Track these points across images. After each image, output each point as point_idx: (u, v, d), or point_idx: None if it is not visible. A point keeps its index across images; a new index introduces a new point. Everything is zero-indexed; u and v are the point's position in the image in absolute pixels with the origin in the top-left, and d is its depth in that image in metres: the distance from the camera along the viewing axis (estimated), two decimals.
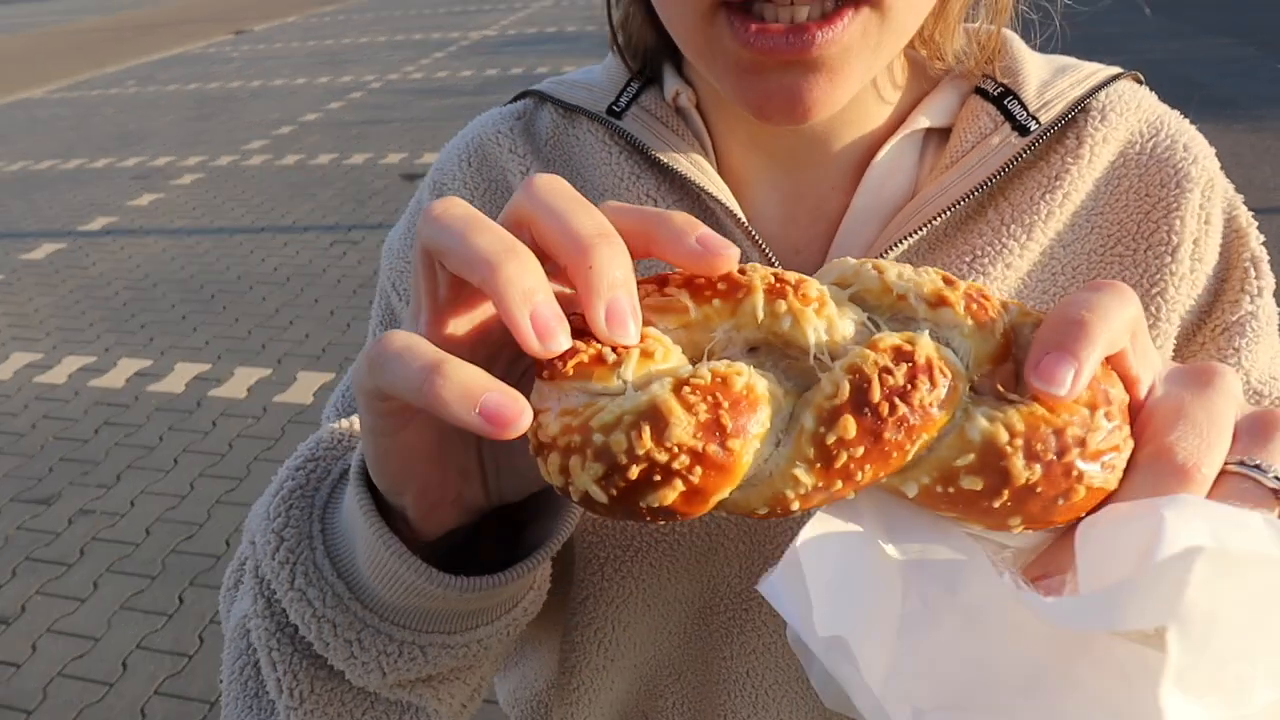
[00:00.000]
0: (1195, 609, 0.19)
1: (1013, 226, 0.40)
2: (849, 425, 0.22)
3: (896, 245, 0.39)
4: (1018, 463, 0.22)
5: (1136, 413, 0.24)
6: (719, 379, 0.22)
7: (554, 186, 0.26)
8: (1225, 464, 0.24)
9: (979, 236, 0.40)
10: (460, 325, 0.27)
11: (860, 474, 0.22)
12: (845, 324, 0.24)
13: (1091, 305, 0.23)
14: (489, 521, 0.36)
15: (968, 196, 0.39)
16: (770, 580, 0.22)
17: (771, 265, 0.31)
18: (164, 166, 6.17)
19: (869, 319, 0.25)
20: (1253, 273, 0.43)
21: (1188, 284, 0.42)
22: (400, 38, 11.58)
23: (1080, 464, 0.22)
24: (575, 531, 0.39)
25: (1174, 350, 0.43)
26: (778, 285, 0.24)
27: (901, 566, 0.23)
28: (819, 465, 0.22)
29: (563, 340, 0.23)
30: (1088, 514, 0.23)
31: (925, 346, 0.23)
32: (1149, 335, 0.26)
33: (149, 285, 4.13)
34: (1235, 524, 0.21)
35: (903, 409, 0.22)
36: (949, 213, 0.39)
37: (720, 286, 0.24)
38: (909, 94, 0.43)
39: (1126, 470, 0.23)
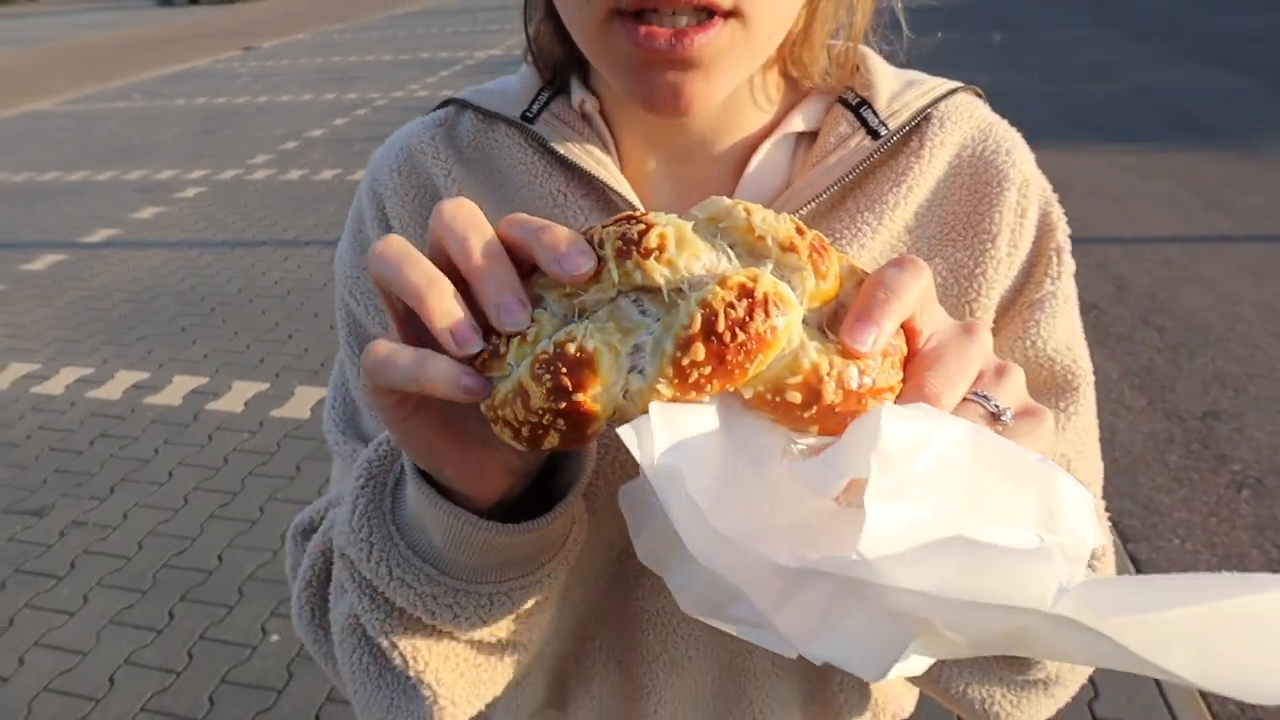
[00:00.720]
0: (890, 452, 0.27)
1: (866, 215, 0.48)
2: (699, 350, 0.28)
3: None
4: (829, 388, 0.29)
5: (913, 355, 0.32)
6: (557, 348, 0.30)
7: (457, 213, 0.33)
8: (965, 395, 0.32)
9: (838, 222, 0.48)
10: (419, 328, 0.33)
11: (710, 386, 0.29)
12: (706, 256, 0.30)
13: (892, 282, 0.30)
14: (535, 483, 0.42)
15: (829, 189, 0.47)
16: (626, 429, 0.29)
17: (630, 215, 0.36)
18: (167, 180, 6.20)
19: (729, 249, 0.31)
20: (1055, 260, 0.50)
21: (1005, 266, 0.50)
22: (406, 56, 11.70)
23: (868, 397, 0.30)
24: None
25: (993, 319, 0.51)
26: (624, 248, 0.30)
27: (725, 443, 0.30)
28: (676, 380, 0.29)
29: (476, 343, 0.31)
30: None
31: (765, 284, 0.29)
32: (934, 297, 0.33)
33: (148, 297, 4.13)
34: (936, 415, 0.29)
35: (742, 336, 0.28)
36: (814, 203, 0.47)
37: (592, 264, 0.31)
38: (784, 105, 0.50)
39: (897, 398, 0.31)
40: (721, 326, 0.28)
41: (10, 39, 18.22)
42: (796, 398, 0.29)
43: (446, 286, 0.31)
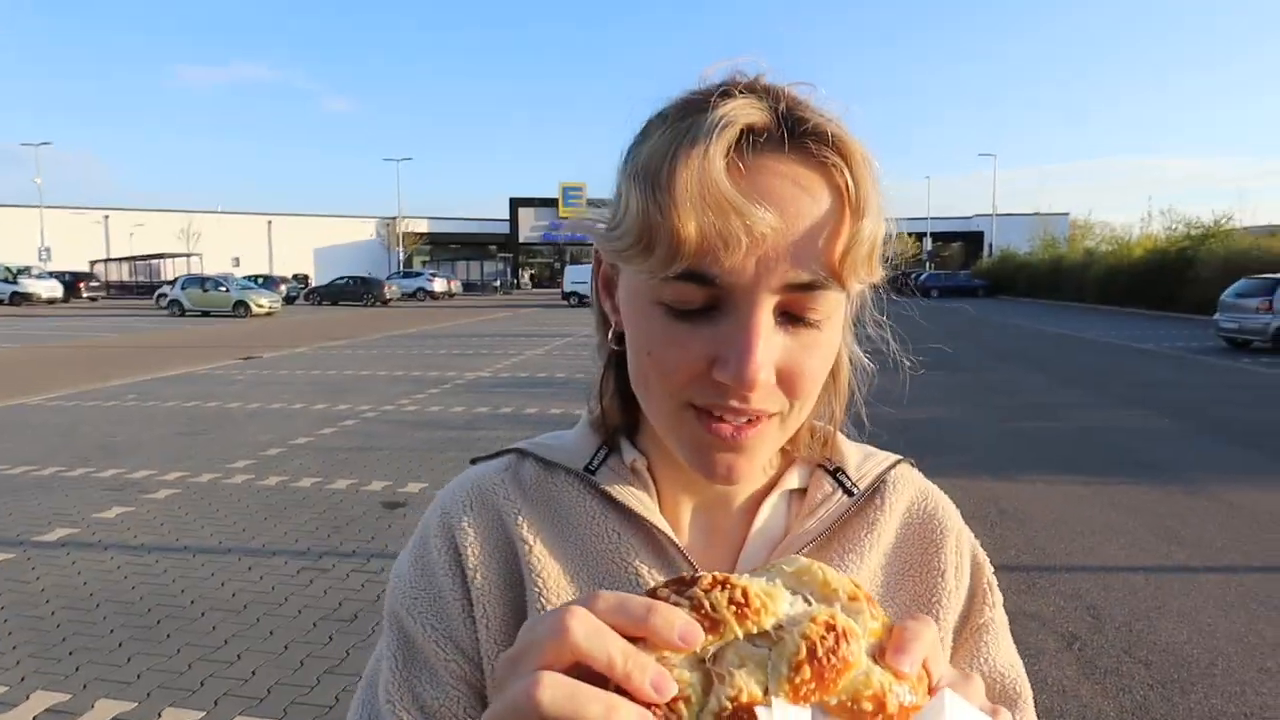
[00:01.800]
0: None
1: (850, 555, 0.60)
2: (806, 670, 0.36)
3: None
4: (892, 701, 0.37)
5: (932, 691, 0.40)
6: (733, 703, 0.36)
7: (584, 627, 0.35)
8: None
9: (828, 561, 0.58)
10: None
11: (812, 697, 0.37)
12: (786, 600, 0.39)
13: (917, 627, 0.39)
14: None
15: (820, 535, 0.59)
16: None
17: (696, 575, 0.41)
18: (141, 479, 6.15)
19: (805, 597, 0.40)
20: (990, 592, 0.63)
21: (954, 597, 0.61)
22: (400, 373, 12.46)
23: (911, 711, 0.38)
24: None
25: (952, 642, 0.61)
26: (739, 610, 0.38)
27: None
28: (790, 693, 0.36)
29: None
30: None
31: (842, 620, 0.38)
32: (940, 648, 0.41)
33: (90, 606, 3.85)
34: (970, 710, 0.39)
35: (834, 660, 0.37)
36: (810, 545, 0.58)
37: (707, 624, 0.37)
38: (779, 469, 0.63)
39: None
40: (820, 652, 0.37)
41: (22, 336, 19.23)
42: (869, 707, 0.37)
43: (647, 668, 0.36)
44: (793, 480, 0.62)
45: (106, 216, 53.54)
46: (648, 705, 0.35)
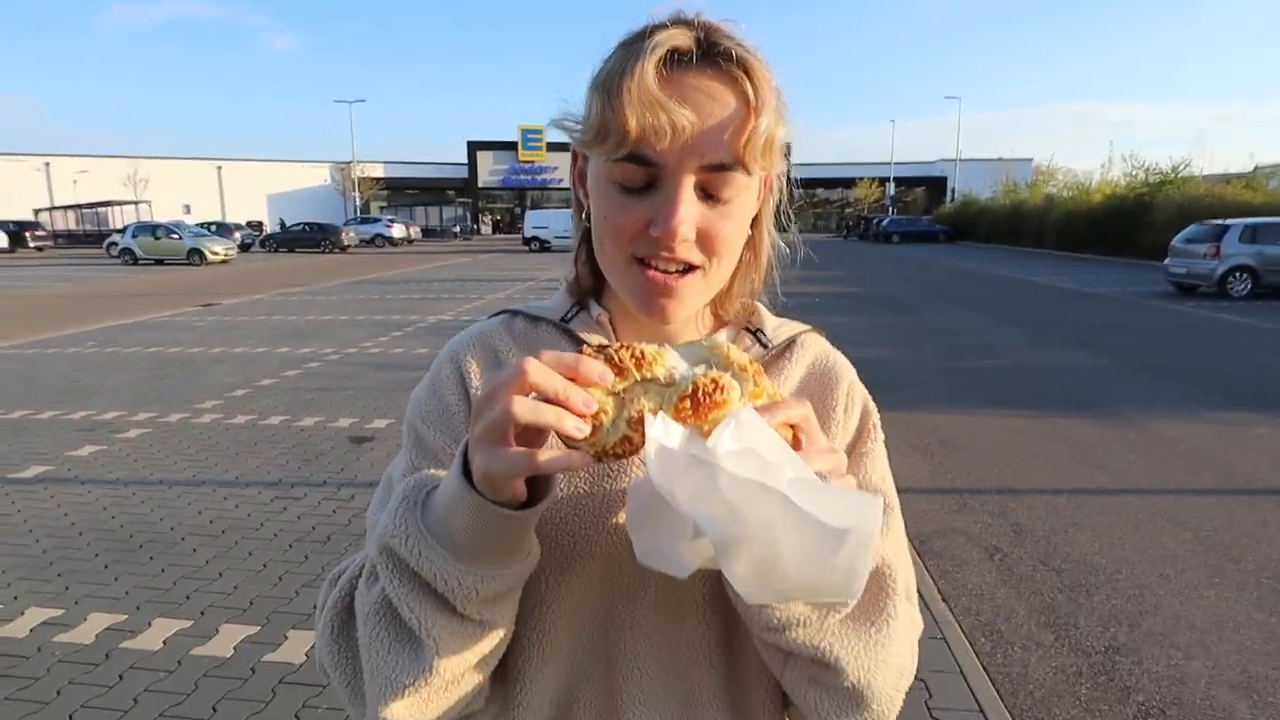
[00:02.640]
0: (745, 428, 0.50)
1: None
2: (687, 403, 0.52)
3: None
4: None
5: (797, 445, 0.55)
6: (638, 413, 0.53)
7: (537, 368, 0.52)
8: None
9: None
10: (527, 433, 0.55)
11: (689, 420, 0.52)
12: (676, 363, 0.55)
13: (792, 401, 0.55)
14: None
15: None
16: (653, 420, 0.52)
17: (611, 343, 0.59)
18: (111, 420, 6.25)
19: (710, 363, 0.56)
20: (874, 431, 0.79)
21: (843, 428, 0.77)
22: (361, 318, 12.46)
23: None
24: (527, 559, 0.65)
25: None
26: (637, 362, 0.54)
27: (687, 440, 0.52)
28: (673, 415, 0.52)
29: (594, 408, 0.53)
30: None
31: (726, 379, 0.53)
32: (814, 424, 0.57)
33: (73, 534, 4.03)
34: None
35: (708, 399, 0.52)
36: None
37: (615, 370, 0.54)
38: (711, 329, 0.81)
39: None
40: (700, 394, 0.52)
41: None
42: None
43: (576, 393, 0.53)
44: (721, 337, 0.73)
45: (47, 164, 51.09)
46: (581, 417, 0.51)
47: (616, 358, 0.54)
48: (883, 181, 57.56)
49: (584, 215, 0.74)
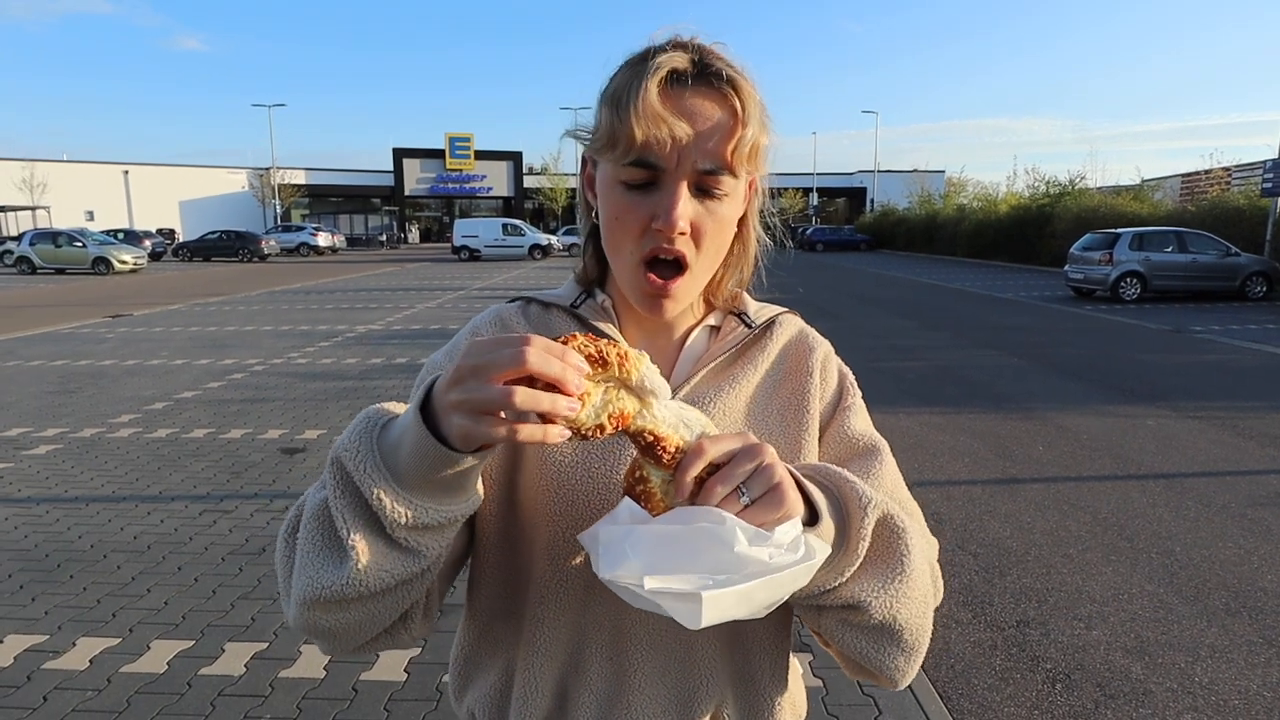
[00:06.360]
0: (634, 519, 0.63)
1: (747, 367, 0.86)
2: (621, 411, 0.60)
3: (698, 374, 0.84)
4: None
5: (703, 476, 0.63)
6: (618, 409, 0.60)
7: (538, 350, 0.55)
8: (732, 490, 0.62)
9: (736, 368, 0.86)
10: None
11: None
12: (654, 373, 0.61)
13: (705, 447, 0.61)
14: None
15: (728, 352, 0.85)
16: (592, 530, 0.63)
17: (601, 338, 0.62)
18: (16, 437, 5.92)
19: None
20: (852, 390, 0.89)
21: (819, 390, 0.86)
22: (286, 328, 12.06)
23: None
24: (540, 559, 0.78)
25: (820, 426, 0.86)
26: (620, 360, 0.59)
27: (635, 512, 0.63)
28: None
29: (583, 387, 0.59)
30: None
31: (616, 401, 0.60)
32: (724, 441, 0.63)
33: None
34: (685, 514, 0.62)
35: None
36: (720, 358, 0.85)
37: (600, 365, 0.58)
38: (703, 313, 0.90)
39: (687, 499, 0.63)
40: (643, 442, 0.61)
41: None
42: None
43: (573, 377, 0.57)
44: (712, 320, 0.88)
45: None
46: (571, 397, 0.56)
47: (604, 351, 0.59)
48: (806, 191, 59.18)
49: (593, 215, 0.83)
